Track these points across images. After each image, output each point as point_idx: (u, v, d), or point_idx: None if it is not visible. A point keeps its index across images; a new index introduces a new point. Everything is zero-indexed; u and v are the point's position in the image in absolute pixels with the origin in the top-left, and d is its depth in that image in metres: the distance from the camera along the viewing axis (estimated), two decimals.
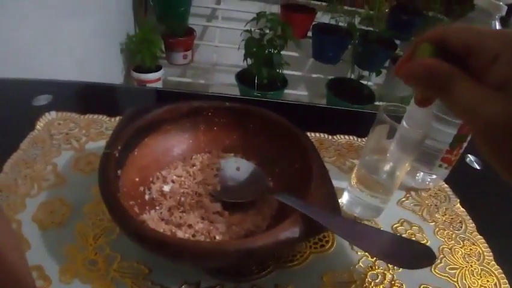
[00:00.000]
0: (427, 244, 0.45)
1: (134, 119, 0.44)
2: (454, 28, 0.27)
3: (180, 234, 0.38)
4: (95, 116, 0.59)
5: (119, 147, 0.40)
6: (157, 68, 1.70)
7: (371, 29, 1.66)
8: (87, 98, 0.68)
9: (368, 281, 0.40)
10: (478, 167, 0.61)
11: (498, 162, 0.24)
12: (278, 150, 0.48)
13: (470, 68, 0.25)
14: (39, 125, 0.56)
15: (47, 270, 0.37)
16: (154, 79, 1.69)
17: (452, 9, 1.53)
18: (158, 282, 0.37)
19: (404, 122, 0.41)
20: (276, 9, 1.72)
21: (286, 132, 0.47)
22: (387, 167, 0.45)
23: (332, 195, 0.39)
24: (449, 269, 0.43)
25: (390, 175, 0.45)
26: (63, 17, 1.08)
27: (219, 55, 1.87)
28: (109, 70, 1.56)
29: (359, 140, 0.62)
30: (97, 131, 0.56)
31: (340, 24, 1.65)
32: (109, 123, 0.58)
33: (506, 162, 0.24)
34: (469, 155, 0.62)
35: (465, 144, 0.49)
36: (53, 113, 0.59)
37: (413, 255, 0.33)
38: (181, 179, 0.46)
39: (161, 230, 0.38)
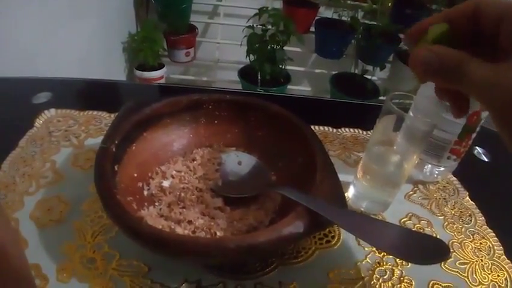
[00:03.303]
0: None
1: (132, 113, 0.43)
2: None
3: (180, 230, 0.37)
4: (95, 113, 0.59)
5: (116, 142, 0.39)
6: (160, 66, 1.70)
7: (375, 23, 1.64)
8: (86, 95, 0.67)
9: (376, 277, 0.39)
10: (486, 159, 0.59)
11: None
12: (281, 143, 0.46)
13: (498, 42, 0.25)
14: (38, 122, 0.56)
15: (44, 268, 0.36)
16: (157, 77, 1.69)
17: (455, 3, 1.50)
18: (158, 280, 0.36)
19: (411, 112, 0.40)
20: (278, 4, 1.71)
21: (289, 125, 0.45)
22: (394, 159, 0.43)
23: (338, 187, 0.38)
24: (459, 263, 0.41)
25: (397, 167, 0.43)
26: (64, 16, 1.08)
27: (221, 52, 1.86)
28: (111, 69, 1.56)
29: (365, 133, 0.61)
30: (96, 128, 0.55)
31: (343, 18, 1.63)
32: (108, 119, 0.58)
33: None
34: (476, 147, 0.61)
35: (474, 135, 0.47)
36: (52, 111, 0.58)
37: (425, 249, 0.31)
38: (181, 174, 0.45)
39: (160, 227, 0.37)
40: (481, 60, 0.24)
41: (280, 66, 1.57)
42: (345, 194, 0.47)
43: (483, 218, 0.47)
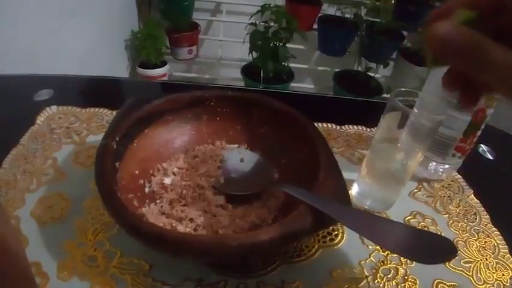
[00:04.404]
0: None
1: (134, 110, 0.43)
2: None
3: (181, 228, 0.37)
4: (96, 110, 0.59)
5: (117, 139, 0.39)
6: (163, 64, 1.69)
7: (378, 20, 1.63)
8: (88, 92, 0.67)
9: (380, 276, 0.38)
10: (491, 157, 0.59)
11: None
12: (284, 139, 0.46)
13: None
14: (40, 119, 0.56)
15: (45, 266, 0.36)
16: (159, 75, 1.68)
17: None
18: (159, 278, 0.36)
19: (416, 109, 0.39)
20: (280, 1, 1.70)
21: (292, 121, 0.45)
22: (398, 157, 0.43)
23: (342, 185, 0.37)
24: (464, 262, 0.41)
25: (401, 165, 0.43)
26: (66, 14, 1.08)
27: (224, 49, 1.85)
28: (114, 67, 1.55)
29: (368, 130, 0.60)
30: (98, 125, 0.55)
31: (346, 15, 1.62)
32: (110, 116, 0.57)
33: None
34: (481, 144, 0.60)
35: (479, 133, 0.46)
36: (54, 108, 0.58)
37: (431, 248, 0.31)
38: (182, 171, 0.44)
39: (161, 224, 0.37)
40: (504, 46, 0.22)
41: (283, 63, 1.57)
42: (349, 192, 0.46)
43: (488, 216, 0.47)
